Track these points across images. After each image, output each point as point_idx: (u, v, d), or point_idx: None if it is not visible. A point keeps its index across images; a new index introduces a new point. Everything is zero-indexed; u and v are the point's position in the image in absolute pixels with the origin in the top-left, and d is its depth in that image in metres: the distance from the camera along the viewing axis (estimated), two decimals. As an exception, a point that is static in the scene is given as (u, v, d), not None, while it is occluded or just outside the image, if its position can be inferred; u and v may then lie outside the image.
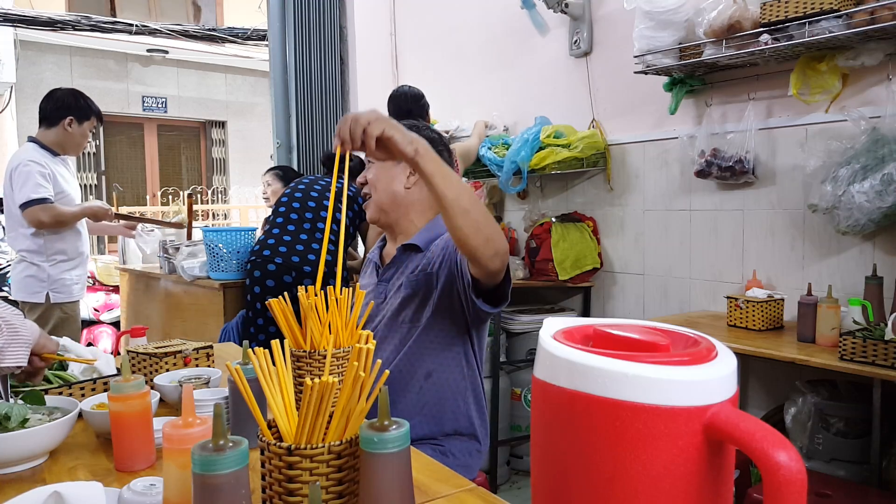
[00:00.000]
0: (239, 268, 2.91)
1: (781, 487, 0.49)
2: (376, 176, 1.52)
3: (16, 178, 2.78)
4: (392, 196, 1.52)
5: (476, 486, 0.92)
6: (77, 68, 9.02)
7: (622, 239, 2.91)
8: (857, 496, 1.78)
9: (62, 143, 2.90)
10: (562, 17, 2.99)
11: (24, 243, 2.84)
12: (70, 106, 2.90)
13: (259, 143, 9.54)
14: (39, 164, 2.79)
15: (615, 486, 0.56)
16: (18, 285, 2.86)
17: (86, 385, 1.29)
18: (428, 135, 1.54)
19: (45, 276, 2.84)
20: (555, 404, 0.60)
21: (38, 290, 2.84)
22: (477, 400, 1.52)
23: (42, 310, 2.84)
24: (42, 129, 2.90)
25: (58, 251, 2.87)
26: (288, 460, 0.68)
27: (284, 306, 1.07)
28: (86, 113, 2.93)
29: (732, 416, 0.54)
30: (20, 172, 2.77)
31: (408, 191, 1.53)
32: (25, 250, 2.84)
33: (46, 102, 2.91)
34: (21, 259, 2.86)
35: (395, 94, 2.89)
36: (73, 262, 2.93)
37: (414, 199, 1.54)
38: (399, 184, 1.53)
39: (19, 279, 2.85)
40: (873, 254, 2.08)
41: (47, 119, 2.90)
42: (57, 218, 2.79)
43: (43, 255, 2.84)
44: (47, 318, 2.85)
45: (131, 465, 1.00)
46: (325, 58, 4.10)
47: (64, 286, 2.89)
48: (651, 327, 0.67)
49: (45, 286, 2.84)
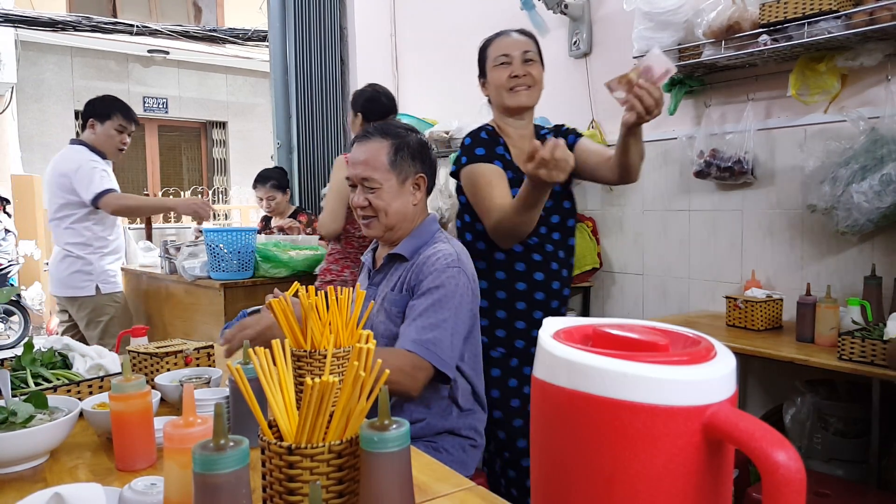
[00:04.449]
0: (239, 268, 2.92)
1: (780, 487, 0.50)
2: (385, 200, 1.52)
3: (80, 176, 2.82)
4: (402, 215, 1.55)
5: (476, 485, 0.93)
6: (78, 69, 9.03)
7: (621, 239, 2.91)
8: (856, 496, 1.78)
9: (95, 145, 2.94)
10: (561, 18, 2.99)
11: (71, 237, 2.87)
12: (90, 109, 2.95)
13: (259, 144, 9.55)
14: (99, 163, 2.88)
15: (615, 486, 0.56)
16: (64, 282, 2.89)
17: (93, 383, 1.29)
18: (418, 138, 1.58)
19: (92, 269, 2.89)
20: (554, 404, 0.60)
21: (86, 283, 2.88)
22: (465, 397, 1.53)
23: (94, 303, 2.90)
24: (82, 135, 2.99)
25: (103, 243, 2.93)
26: (288, 460, 0.68)
27: (285, 306, 1.08)
28: (106, 113, 2.94)
29: (731, 415, 0.54)
30: (84, 170, 2.82)
31: (414, 206, 1.57)
32: (72, 243, 2.87)
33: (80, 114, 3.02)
34: (66, 255, 2.88)
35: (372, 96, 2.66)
36: (116, 254, 3.01)
37: (417, 211, 1.59)
38: (407, 202, 1.55)
39: (64, 276, 2.88)
40: (872, 254, 2.09)
41: (82, 125, 2.99)
42: (134, 203, 2.95)
43: (91, 246, 2.88)
44: (102, 311, 2.91)
45: (132, 465, 1.00)
46: (325, 58, 4.10)
47: (110, 277, 2.96)
48: (650, 327, 0.67)
49: (94, 279, 2.90)
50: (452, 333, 1.41)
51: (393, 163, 1.51)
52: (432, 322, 1.40)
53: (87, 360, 1.40)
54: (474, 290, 1.52)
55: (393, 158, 1.51)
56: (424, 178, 1.56)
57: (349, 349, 1.06)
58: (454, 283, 1.45)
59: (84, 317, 2.91)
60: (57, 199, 2.89)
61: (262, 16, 4.83)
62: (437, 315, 1.41)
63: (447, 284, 1.44)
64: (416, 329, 1.39)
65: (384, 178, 1.51)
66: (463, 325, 1.46)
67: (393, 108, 2.63)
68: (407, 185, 1.54)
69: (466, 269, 1.50)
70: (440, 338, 1.39)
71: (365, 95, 2.63)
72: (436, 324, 1.40)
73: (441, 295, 1.43)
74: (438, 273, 1.45)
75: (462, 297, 1.45)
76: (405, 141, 1.54)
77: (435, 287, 1.44)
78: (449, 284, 1.44)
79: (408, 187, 1.54)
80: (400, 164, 1.52)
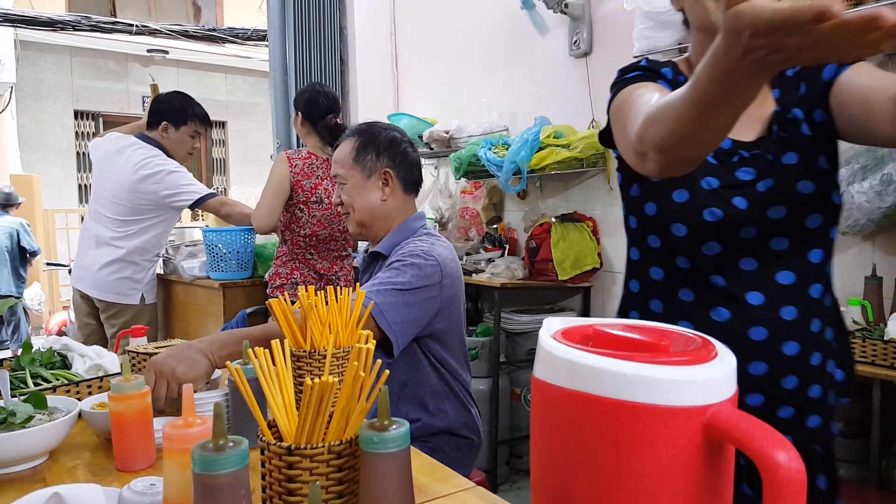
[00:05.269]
0: (239, 268, 2.92)
1: (781, 487, 0.49)
2: (351, 196, 1.56)
3: (168, 181, 2.66)
4: (370, 211, 1.56)
5: (476, 485, 0.93)
6: (77, 68, 9.03)
7: (622, 239, 2.88)
8: (857, 496, 1.78)
9: (167, 147, 2.78)
10: (561, 18, 2.99)
11: (132, 242, 2.71)
12: (165, 111, 2.78)
13: (259, 144, 9.55)
14: (183, 168, 2.75)
15: (615, 486, 0.56)
16: (108, 286, 2.72)
17: (92, 383, 1.29)
18: (390, 135, 1.59)
19: (142, 277, 2.77)
20: (554, 404, 0.60)
21: (133, 292, 2.76)
22: (461, 396, 1.53)
23: (134, 312, 2.76)
24: (150, 133, 2.80)
25: (158, 252, 2.85)
26: (288, 460, 0.68)
27: (284, 306, 1.08)
28: (183, 118, 2.79)
29: (732, 415, 0.54)
30: (173, 177, 2.66)
31: (384, 202, 1.57)
32: (133, 249, 2.71)
33: (150, 106, 2.82)
34: (117, 259, 2.71)
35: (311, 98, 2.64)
36: (157, 261, 2.92)
37: (390, 207, 1.58)
38: (375, 197, 1.57)
39: (110, 280, 2.71)
40: (873, 254, 2.08)
41: (150, 123, 2.80)
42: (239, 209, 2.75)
43: (149, 253, 2.78)
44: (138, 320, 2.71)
45: (131, 465, 1.00)
46: (325, 58, 4.10)
47: (154, 287, 2.87)
48: (651, 327, 0.67)
49: (141, 287, 2.77)
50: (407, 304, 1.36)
51: (356, 158, 1.55)
52: (382, 281, 1.37)
53: (87, 360, 1.40)
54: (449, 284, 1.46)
55: (356, 154, 1.55)
56: (390, 173, 1.56)
57: (349, 349, 1.06)
58: (421, 261, 1.41)
59: (118, 324, 2.73)
60: (130, 201, 2.68)
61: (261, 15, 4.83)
62: (396, 279, 1.37)
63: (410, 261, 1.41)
64: (368, 286, 1.36)
65: (349, 173, 1.56)
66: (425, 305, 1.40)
67: (332, 109, 2.63)
68: (373, 180, 1.56)
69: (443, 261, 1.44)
70: (391, 301, 1.34)
71: (305, 96, 2.65)
72: (388, 284, 1.36)
73: (402, 265, 1.40)
74: (405, 255, 1.43)
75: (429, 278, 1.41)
76: (373, 138, 1.57)
77: (398, 261, 1.42)
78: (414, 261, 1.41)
79: (374, 182, 1.56)
80: (363, 159, 1.55)
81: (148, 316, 2.81)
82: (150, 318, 2.82)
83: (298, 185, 2.53)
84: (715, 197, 0.96)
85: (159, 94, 2.87)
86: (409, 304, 1.37)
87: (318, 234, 2.57)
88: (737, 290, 0.95)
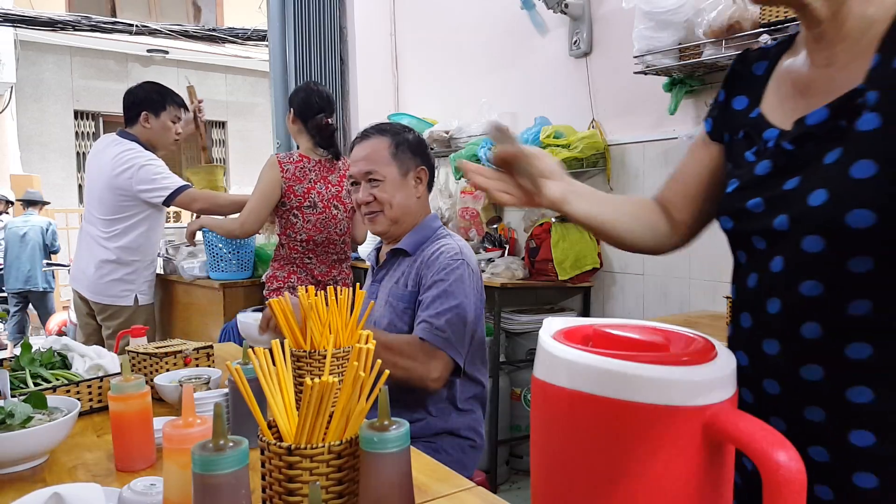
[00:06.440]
0: (239, 268, 2.91)
1: (781, 487, 0.49)
2: (389, 193, 1.56)
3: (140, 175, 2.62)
4: (406, 208, 1.59)
5: (476, 485, 0.93)
6: (77, 68, 9.03)
7: (622, 239, 2.90)
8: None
9: (148, 139, 2.74)
10: (561, 18, 2.99)
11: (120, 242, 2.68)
12: (142, 101, 2.73)
13: (259, 144, 9.55)
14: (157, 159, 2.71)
15: (615, 486, 0.56)
16: (100, 289, 2.70)
17: (92, 383, 1.29)
18: (416, 135, 1.62)
19: (134, 278, 2.73)
20: (554, 404, 0.60)
21: (126, 293, 2.73)
22: (465, 398, 1.53)
23: (128, 313, 2.73)
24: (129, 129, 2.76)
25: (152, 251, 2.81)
26: (288, 460, 0.68)
27: (285, 306, 1.08)
28: (161, 103, 2.74)
29: (732, 416, 0.54)
30: (144, 170, 2.63)
31: (418, 199, 1.60)
32: (120, 248, 2.68)
33: (124, 102, 2.77)
34: (108, 260, 2.68)
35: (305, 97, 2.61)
36: (155, 264, 2.88)
37: (420, 206, 1.62)
38: (411, 195, 1.59)
39: (102, 282, 2.69)
40: (873, 254, 2.08)
41: (129, 119, 2.76)
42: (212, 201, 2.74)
43: (139, 253, 2.73)
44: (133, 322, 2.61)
45: (132, 465, 1.00)
46: (325, 58, 4.10)
47: (150, 288, 2.83)
48: (651, 327, 0.67)
49: (134, 289, 2.74)
50: (464, 322, 1.44)
51: (394, 155, 1.57)
52: (441, 311, 1.43)
53: (87, 360, 1.40)
54: (478, 285, 1.53)
55: (394, 151, 1.57)
56: (426, 171, 1.61)
57: (349, 349, 1.06)
58: (459, 273, 1.48)
59: (113, 325, 2.71)
60: (111, 200, 2.66)
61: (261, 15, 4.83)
62: (447, 303, 1.44)
63: (454, 275, 1.47)
64: (427, 318, 1.43)
65: (387, 170, 1.56)
66: (471, 314, 1.48)
67: (325, 108, 2.60)
68: (409, 178, 1.58)
69: (470, 262, 1.52)
70: (451, 324, 1.42)
71: (300, 94, 2.63)
72: (445, 311, 1.43)
73: (448, 285, 1.46)
74: (444, 265, 1.48)
75: (468, 288, 1.48)
76: (404, 137, 1.60)
77: (441, 279, 1.47)
78: (455, 275, 1.47)
79: (410, 180, 1.59)
80: (401, 157, 1.57)
81: (143, 317, 2.79)
82: (145, 319, 2.79)
83: (290, 190, 2.48)
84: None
85: (130, 88, 2.82)
86: (466, 323, 1.46)
87: (315, 239, 2.54)
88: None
